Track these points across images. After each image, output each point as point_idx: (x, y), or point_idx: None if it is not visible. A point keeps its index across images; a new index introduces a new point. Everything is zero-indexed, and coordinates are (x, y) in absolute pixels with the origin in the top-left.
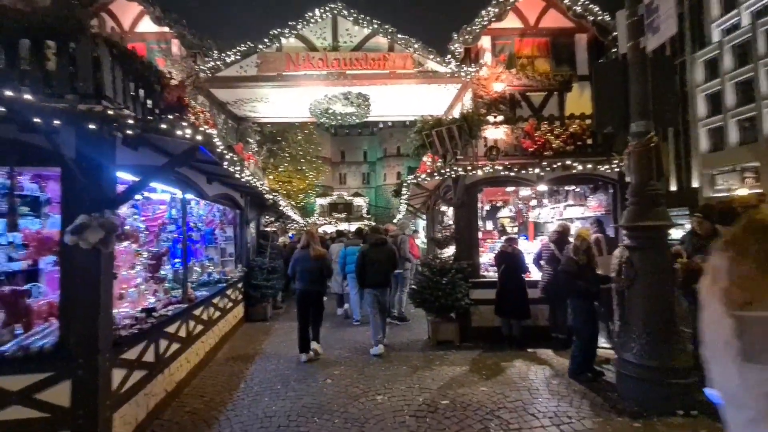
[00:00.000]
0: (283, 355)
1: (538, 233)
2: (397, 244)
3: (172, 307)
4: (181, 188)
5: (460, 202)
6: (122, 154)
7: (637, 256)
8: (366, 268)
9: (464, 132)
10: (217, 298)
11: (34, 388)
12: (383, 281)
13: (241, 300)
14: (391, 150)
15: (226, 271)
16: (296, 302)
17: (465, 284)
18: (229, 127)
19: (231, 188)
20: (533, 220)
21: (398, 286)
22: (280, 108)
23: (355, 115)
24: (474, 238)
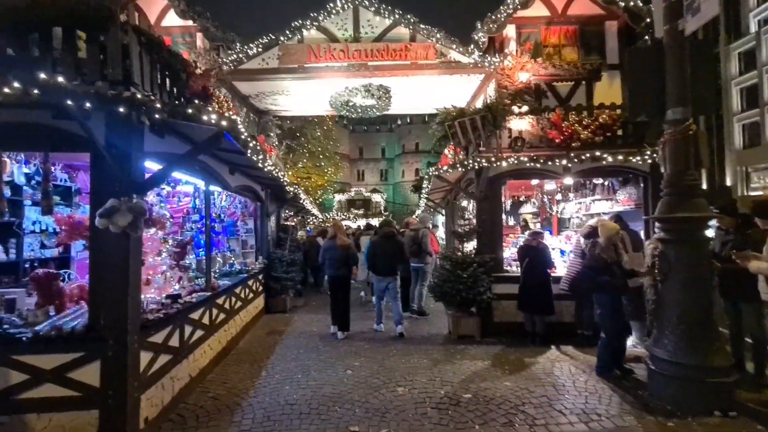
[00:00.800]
0: (302, 345)
1: (562, 228)
2: (419, 238)
3: (196, 294)
4: (205, 179)
5: (483, 194)
6: (149, 141)
7: (671, 249)
8: (375, 258)
9: (488, 123)
10: (239, 288)
11: (66, 367)
12: (391, 271)
13: (261, 291)
14: (410, 146)
15: (247, 262)
16: (328, 286)
17: (487, 278)
18: (250, 120)
19: (252, 180)
20: (558, 214)
21: (418, 280)
22: (300, 101)
23: (375, 107)
24: (497, 232)
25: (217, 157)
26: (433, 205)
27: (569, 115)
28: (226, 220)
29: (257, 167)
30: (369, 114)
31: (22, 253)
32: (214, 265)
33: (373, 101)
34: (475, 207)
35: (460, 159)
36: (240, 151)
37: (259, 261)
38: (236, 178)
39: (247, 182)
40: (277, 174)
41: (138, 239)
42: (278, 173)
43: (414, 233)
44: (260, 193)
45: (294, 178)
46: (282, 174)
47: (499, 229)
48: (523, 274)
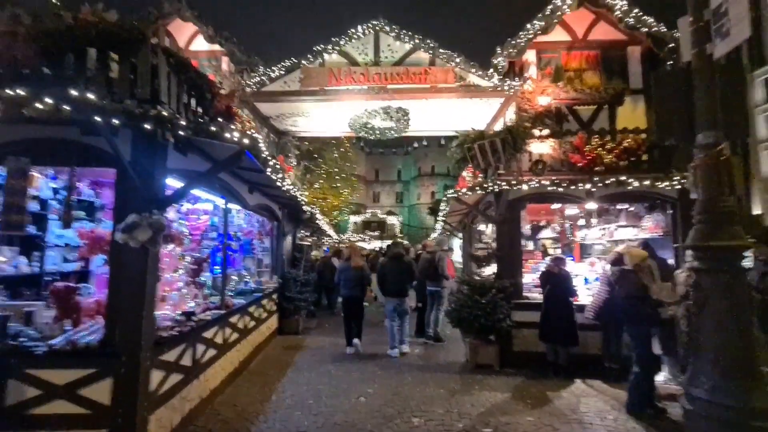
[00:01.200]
0: (314, 368)
1: (585, 255)
2: (435, 261)
3: (211, 312)
4: (225, 196)
5: (502, 218)
6: (173, 158)
7: (707, 279)
8: (385, 278)
9: (508, 145)
10: (253, 308)
11: (79, 383)
12: (401, 291)
13: (275, 311)
14: (426, 169)
15: (262, 281)
16: (342, 305)
17: (506, 305)
18: (270, 141)
19: (270, 199)
20: (580, 241)
21: (434, 305)
22: (319, 123)
23: (393, 129)
24: (517, 256)
25: (237, 176)
26: (449, 228)
27: (592, 139)
28: (243, 238)
29: (275, 186)
30: (387, 136)
31: (44, 266)
32: (229, 283)
33: (392, 123)
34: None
35: (479, 181)
36: (260, 169)
37: (273, 280)
38: (255, 197)
39: (265, 201)
40: (295, 194)
41: (156, 255)
42: (296, 193)
43: (430, 256)
44: (277, 212)
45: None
46: (299, 194)
47: (519, 254)
48: (544, 301)
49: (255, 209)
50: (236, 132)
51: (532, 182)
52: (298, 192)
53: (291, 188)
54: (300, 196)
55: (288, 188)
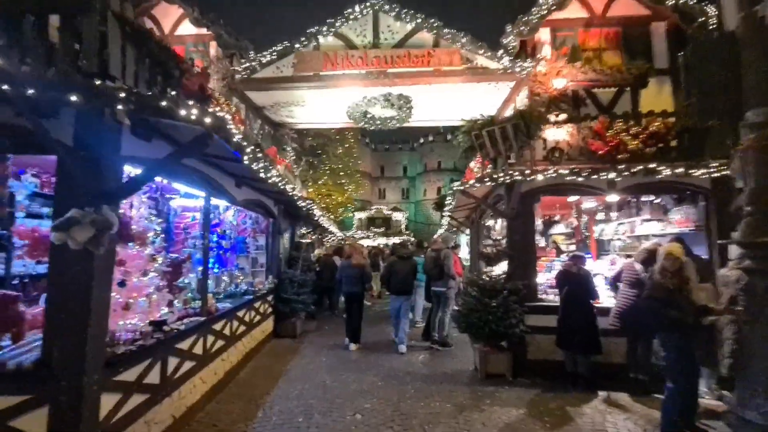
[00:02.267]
0: (309, 379)
1: (601, 252)
2: (441, 259)
3: (189, 320)
4: (206, 190)
5: (514, 212)
6: (133, 145)
7: (762, 282)
8: (392, 277)
9: (521, 132)
10: (242, 311)
11: (9, 413)
12: (406, 289)
13: (270, 314)
14: (432, 165)
15: (254, 282)
16: (344, 301)
17: (519, 308)
18: (265, 133)
19: (262, 194)
20: (596, 236)
21: (440, 307)
22: (317, 112)
23: (395, 118)
24: (531, 255)
25: (221, 169)
26: (456, 224)
27: (615, 123)
28: (234, 236)
29: (259, 178)
30: (389, 126)
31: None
32: (219, 285)
33: (393, 112)
34: (504, 226)
35: (489, 172)
36: (236, 158)
37: (268, 281)
38: (244, 192)
39: (257, 196)
40: (284, 186)
41: (107, 258)
42: (286, 186)
43: (435, 254)
44: (272, 208)
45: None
46: (292, 187)
47: (533, 252)
48: (561, 304)
49: (245, 204)
50: (195, 110)
51: (548, 172)
52: (289, 186)
53: (279, 181)
54: (293, 190)
55: (275, 180)
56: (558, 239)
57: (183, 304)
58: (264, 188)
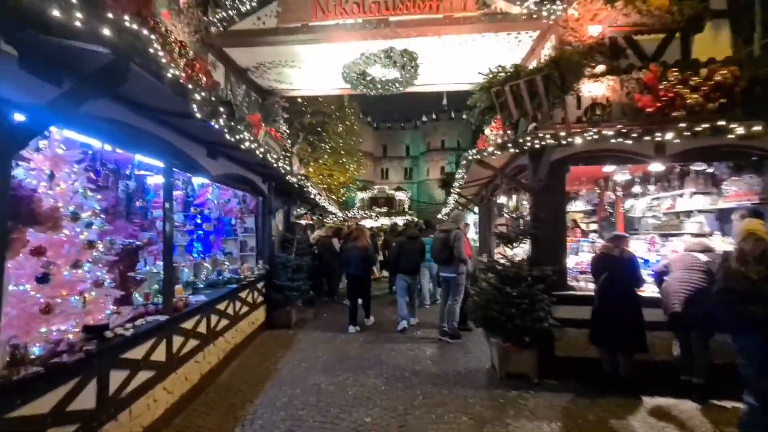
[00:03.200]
0: (300, 381)
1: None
2: (450, 241)
3: (147, 320)
4: (165, 159)
5: (542, 185)
6: (29, 85)
7: None
8: (400, 256)
9: (553, 85)
10: (224, 303)
11: None
12: (413, 269)
13: (261, 303)
14: (435, 144)
15: (240, 268)
16: (347, 284)
17: (547, 298)
18: (251, 101)
19: (246, 168)
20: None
21: (450, 295)
22: (309, 76)
23: (398, 81)
24: (560, 235)
25: (186, 134)
26: (463, 201)
27: (669, 72)
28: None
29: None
30: (391, 90)
31: None
32: (199, 274)
33: (396, 72)
34: (520, 203)
35: (513, 138)
36: (186, 113)
37: (259, 266)
38: (220, 164)
39: (238, 170)
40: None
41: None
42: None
43: (444, 235)
44: (260, 185)
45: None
46: (276, 158)
47: (563, 232)
48: (598, 294)
49: (222, 180)
50: (79, 13)
51: (589, 134)
52: (274, 156)
53: (261, 150)
54: (277, 162)
55: (250, 147)
56: (576, 217)
57: (144, 300)
58: (246, 161)
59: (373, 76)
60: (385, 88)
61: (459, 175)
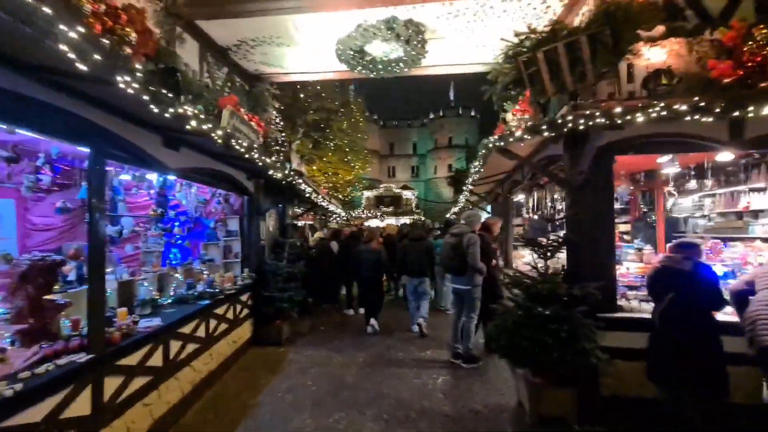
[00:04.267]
0: (280, 424)
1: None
2: (463, 246)
3: (54, 364)
4: (92, 146)
5: (583, 178)
6: None
7: None
8: (406, 258)
9: (603, 48)
10: (191, 324)
11: None
12: (420, 271)
13: (246, 317)
14: (443, 141)
15: (218, 278)
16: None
17: (592, 323)
18: (236, 88)
19: (224, 162)
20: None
21: (463, 310)
22: (302, 56)
23: (402, 60)
24: (608, 243)
25: (132, 119)
26: (475, 199)
27: (756, 31)
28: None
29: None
30: (394, 71)
31: None
32: (168, 286)
33: (399, 48)
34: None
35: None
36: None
37: (244, 275)
38: (183, 156)
39: (211, 165)
40: (223, 140)
41: None
42: (226, 139)
43: (455, 239)
44: (244, 183)
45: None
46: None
47: (611, 238)
48: (660, 317)
49: (189, 176)
50: None
51: (654, 110)
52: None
53: (212, 130)
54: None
55: (199, 128)
56: None
57: (72, 330)
58: (223, 153)
59: (374, 56)
60: (388, 69)
61: (474, 169)
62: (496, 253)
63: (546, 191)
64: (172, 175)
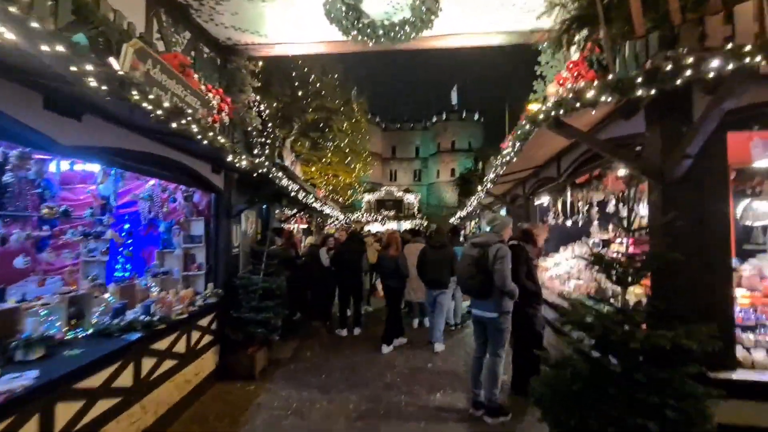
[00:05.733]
0: None
1: (746, 246)
2: (489, 261)
3: None
4: None
5: (687, 166)
6: None
7: None
8: (425, 267)
9: None
10: (106, 372)
11: None
12: (441, 282)
13: (209, 345)
14: (446, 144)
15: (172, 298)
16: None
17: (702, 389)
18: (205, 61)
19: (170, 146)
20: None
21: (488, 346)
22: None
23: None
24: (724, 263)
25: None
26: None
27: None
28: (148, 218)
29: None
30: (396, 37)
31: None
32: (90, 313)
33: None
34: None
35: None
36: None
37: (208, 291)
38: (91, 130)
39: (145, 147)
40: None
41: None
42: (149, 101)
43: (479, 252)
44: (208, 177)
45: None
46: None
47: (726, 256)
48: None
49: (115, 161)
50: None
51: None
52: (191, 117)
53: (130, 83)
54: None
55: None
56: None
57: None
58: (161, 130)
59: (372, 18)
60: (390, 36)
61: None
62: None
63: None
64: (69, 158)
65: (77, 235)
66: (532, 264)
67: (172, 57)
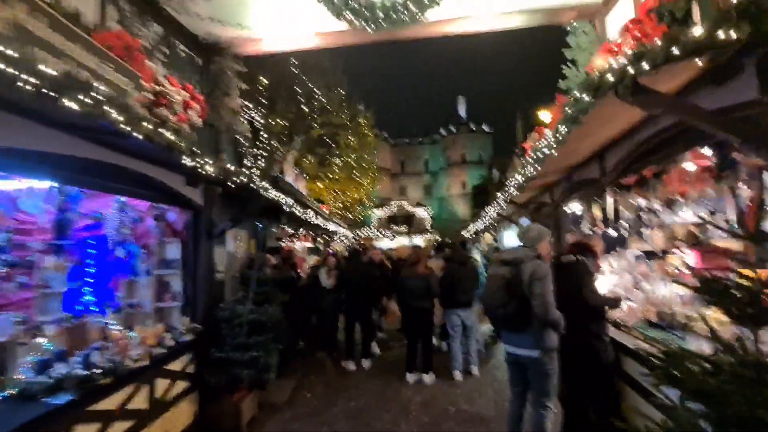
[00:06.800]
0: None
1: None
2: (522, 283)
3: None
4: None
5: None
6: None
7: None
8: (452, 286)
9: None
10: None
11: None
12: (468, 301)
13: (184, 393)
14: (455, 158)
15: (137, 335)
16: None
17: None
18: (183, 61)
19: (124, 153)
20: None
21: (529, 393)
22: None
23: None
24: None
25: None
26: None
27: None
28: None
29: None
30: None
31: None
32: (12, 365)
33: None
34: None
35: None
36: None
37: (184, 327)
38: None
39: (92, 154)
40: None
41: None
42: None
43: (510, 271)
44: (181, 191)
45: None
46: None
47: None
48: None
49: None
50: None
51: None
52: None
53: None
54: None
55: None
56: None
57: None
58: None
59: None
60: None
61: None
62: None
63: (632, 193)
64: None
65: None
66: (592, 284)
67: (114, 36)
